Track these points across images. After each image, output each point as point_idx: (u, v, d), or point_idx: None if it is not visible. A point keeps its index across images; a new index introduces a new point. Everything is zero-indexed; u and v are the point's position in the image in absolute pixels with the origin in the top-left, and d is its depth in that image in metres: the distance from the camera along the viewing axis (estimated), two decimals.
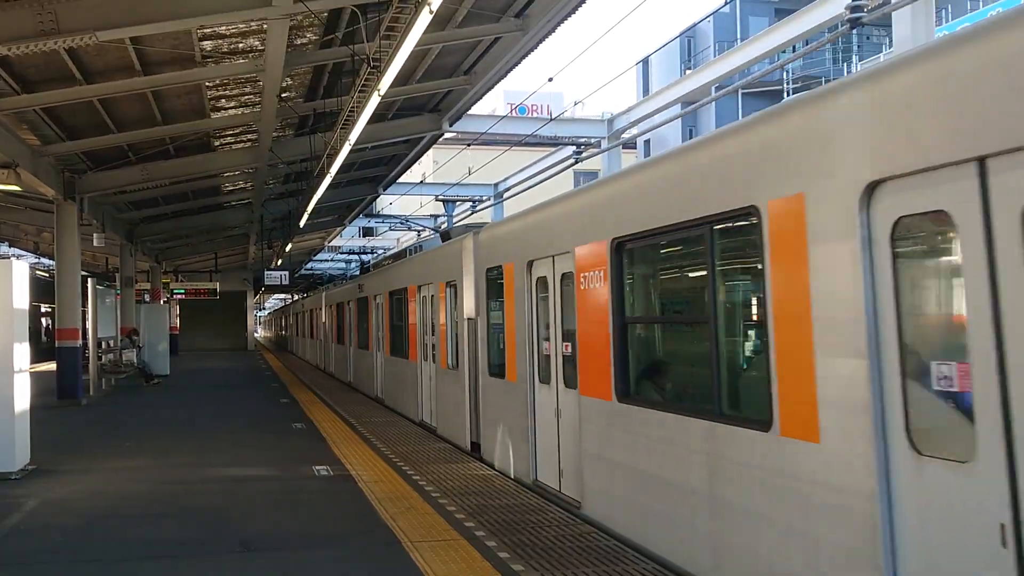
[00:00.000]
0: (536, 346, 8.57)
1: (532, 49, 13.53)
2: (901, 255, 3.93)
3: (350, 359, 22.48)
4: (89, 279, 19.91)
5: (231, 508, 7.87)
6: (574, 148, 15.94)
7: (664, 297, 7.15)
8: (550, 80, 15.09)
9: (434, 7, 7.76)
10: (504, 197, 23.50)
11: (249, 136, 17.70)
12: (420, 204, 29.24)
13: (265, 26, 10.93)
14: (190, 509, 7.92)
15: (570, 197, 7.98)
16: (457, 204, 25.40)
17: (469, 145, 22.78)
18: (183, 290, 37.07)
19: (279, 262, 33.43)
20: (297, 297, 52.84)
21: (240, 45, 12.42)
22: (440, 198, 25.88)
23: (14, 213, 23.02)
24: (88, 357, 19.50)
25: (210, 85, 13.95)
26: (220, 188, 22.99)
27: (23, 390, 9.83)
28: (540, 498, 7.93)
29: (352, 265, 45.92)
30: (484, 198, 23.58)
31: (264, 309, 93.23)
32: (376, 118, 14.40)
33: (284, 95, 15.15)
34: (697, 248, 5.86)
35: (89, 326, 19.52)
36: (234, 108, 15.68)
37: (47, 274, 35.92)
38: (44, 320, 37.86)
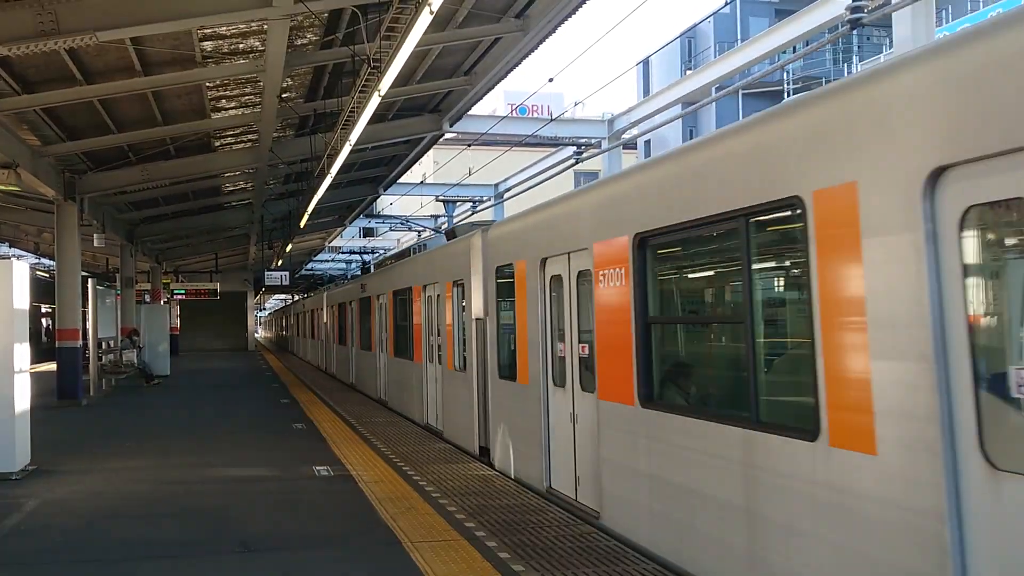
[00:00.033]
0: (550, 348, 8.21)
1: (532, 50, 13.53)
2: (971, 248, 3.60)
3: (352, 360, 22.21)
4: (89, 279, 19.91)
5: (231, 508, 7.87)
6: (574, 148, 15.96)
7: (692, 296, 6.74)
8: (550, 81, 15.11)
9: (434, 8, 7.77)
10: (504, 198, 23.53)
11: (249, 136, 17.71)
12: (420, 205, 29.25)
13: (265, 27, 10.94)
14: (190, 509, 7.92)
15: (588, 191, 7.55)
16: (457, 204, 25.39)
17: (469, 146, 22.80)
18: (183, 290, 37.13)
19: (279, 262, 33.42)
20: (298, 298, 52.84)
21: (240, 45, 12.42)
22: (440, 198, 25.88)
23: (14, 213, 23.05)
24: (88, 357, 19.51)
25: (210, 85, 13.96)
26: (220, 188, 22.99)
27: (23, 390, 9.83)
28: (556, 508, 7.55)
29: (352, 265, 45.95)
30: (484, 199, 23.59)
31: (264, 309, 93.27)
32: (376, 118, 14.40)
33: (284, 95, 15.15)
34: (730, 243, 5.45)
35: (89, 326, 19.53)
36: (234, 108, 15.69)
37: (47, 274, 35.92)
38: (44, 320, 37.86)
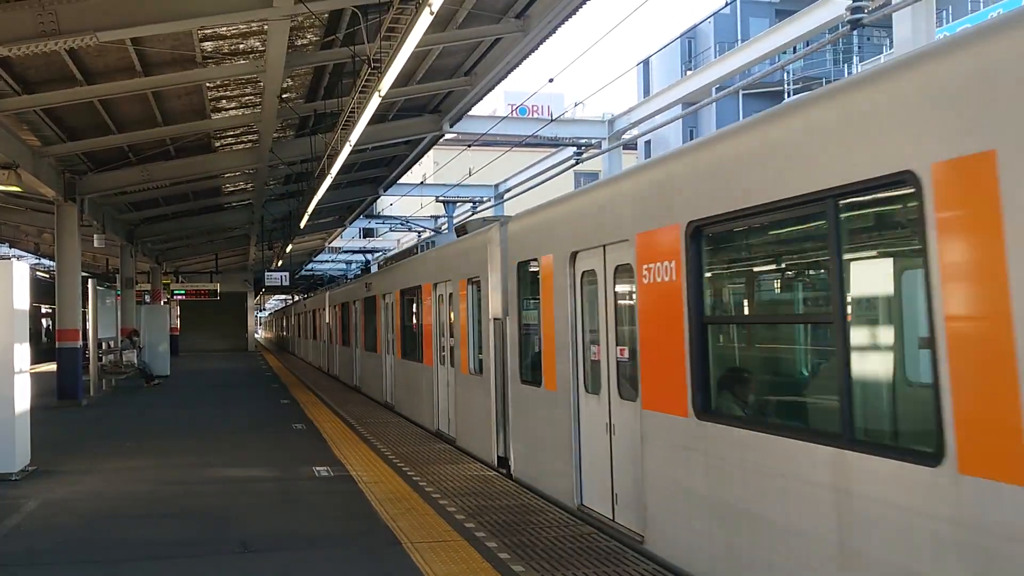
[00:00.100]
0: (582, 350, 7.51)
1: (533, 50, 13.52)
2: None
3: (356, 362, 21.64)
4: (89, 280, 19.92)
5: (231, 509, 7.87)
6: (575, 149, 15.98)
7: (759, 292, 6.00)
8: (551, 81, 15.15)
9: (435, 8, 7.77)
10: (505, 198, 23.54)
11: (250, 137, 17.71)
12: (420, 205, 29.28)
13: (266, 27, 10.94)
14: (190, 509, 7.93)
15: (629, 176, 6.79)
16: (457, 205, 25.41)
17: (470, 146, 22.81)
18: (183, 291, 37.15)
19: (279, 263, 33.43)
20: (298, 298, 52.85)
21: (241, 46, 12.42)
22: (440, 199, 25.90)
23: (15, 214, 23.07)
24: (88, 358, 19.52)
25: (211, 86, 13.96)
26: (221, 189, 22.99)
27: (23, 391, 9.83)
28: (589, 526, 6.93)
29: (353, 266, 45.97)
30: (484, 199, 23.61)
31: (264, 310, 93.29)
32: (377, 119, 14.40)
33: (285, 96, 15.15)
34: (812, 230, 4.87)
35: (89, 327, 19.53)
36: (235, 109, 15.69)
37: (47, 275, 35.93)
38: (44, 321, 37.86)
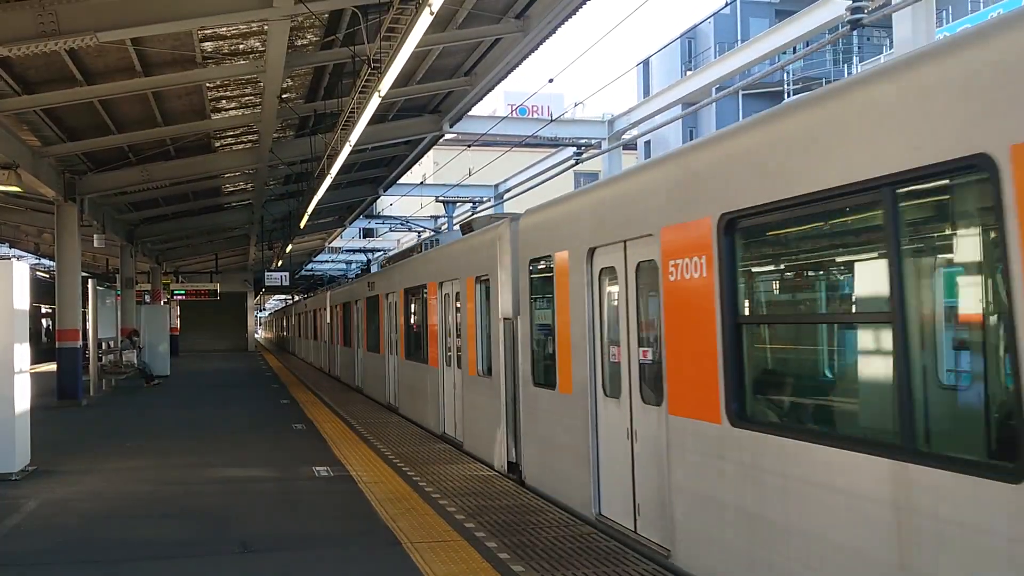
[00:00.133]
0: (600, 352, 7.20)
1: (533, 50, 13.53)
2: None
3: (358, 362, 21.35)
4: (89, 280, 19.93)
5: (231, 509, 7.87)
6: (575, 149, 16.00)
7: (800, 290, 5.63)
8: (551, 81, 15.17)
9: (435, 8, 7.77)
10: (505, 198, 23.56)
11: (249, 137, 17.72)
12: (420, 205, 29.30)
13: (266, 27, 10.94)
14: (190, 509, 7.93)
15: (652, 167, 6.45)
16: (457, 205, 25.42)
17: (469, 146, 22.83)
18: (183, 291, 37.15)
19: (279, 263, 33.44)
20: (298, 298, 52.87)
21: (241, 46, 12.42)
22: (440, 199, 25.92)
23: (15, 214, 23.07)
24: (88, 358, 19.52)
25: (211, 86, 13.96)
26: (220, 189, 23.00)
27: (23, 390, 9.84)
28: (608, 538, 6.58)
29: (353, 266, 45.98)
30: (484, 199, 23.64)
31: (264, 310, 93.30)
32: (376, 119, 14.41)
33: (284, 96, 15.16)
34: (862, 221, 4.58)
35: (89, 327, 19.53)
36: (235, 109, 15.69)
37: (47, 275, 35.94)
38: (44, 321, 37.87)
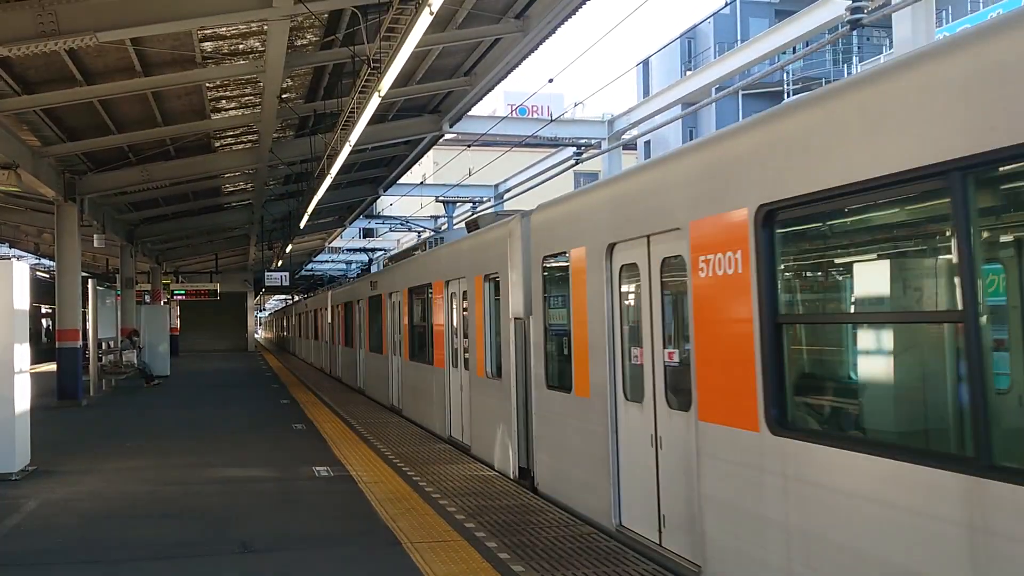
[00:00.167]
0: (621, 353, 6.86)
1: (532, 50, 13.52)
2: None
3: (360, 363, 21.08)
4: (89, 280, 19.93)
5: (231, 509, 7.87)
6: (574, 149, 16.00)
7: (851, 286, 5.20)
8: (550, 81, 15.17)
9: (434, 8, 7.77)
10: (505, 198, 23.56)
11: (249, 137, 17.72)
12: (420, 205, 29.29)
13: (266, 27, 10.94)
14: (190, 510, 7.93)
15: (679, 157, 6.03)
16: (457, 205, 25.42)
17: (469, 146, 22.83)
18: (183, 291, 37.15)
19: (279, 263, 33.45)
20: (298, 298, 52.86)
21: (240, 46, 12.42)
22: (440, 199, 25.92)
23: (15, 214, 23.07)
24: (88, 358, 19.52)
25: (210, 86, 13.96)
26: (220, 189, 23.00)
27: (23, 391, 9.84)
28: (631, 550, 6.28)
29: (353, 266, 45.96)
30: (484, 199, 23.63)
31: (264, 310, 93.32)
32: (376, 119, 14.41)
33: (284, 96, 15.16)
34: (923, 211, 4.26)
35: (89, 327, 19.54)
36: (234, 109, 15.69)
37: (47, 275, 35.93)
38: (44, 321, 37.87)
